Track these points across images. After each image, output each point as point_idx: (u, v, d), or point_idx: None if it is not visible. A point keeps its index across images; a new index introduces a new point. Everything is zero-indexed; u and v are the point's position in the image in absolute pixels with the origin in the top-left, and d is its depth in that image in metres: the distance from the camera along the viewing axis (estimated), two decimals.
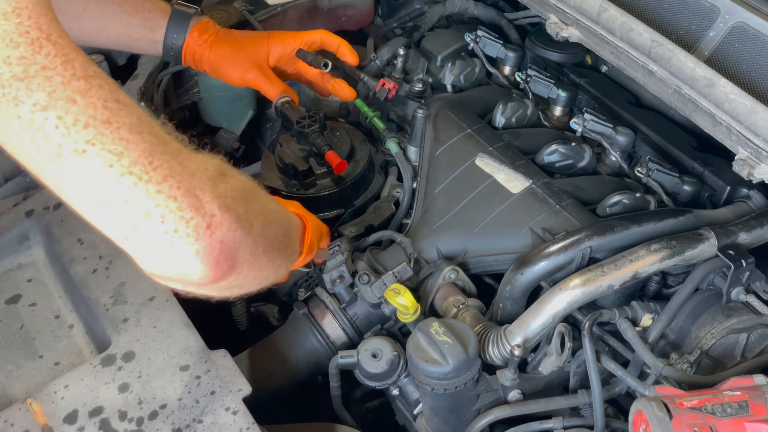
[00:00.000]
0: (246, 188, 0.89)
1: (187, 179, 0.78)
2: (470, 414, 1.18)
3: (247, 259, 0.85)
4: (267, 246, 0.91)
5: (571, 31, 1.39)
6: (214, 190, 0.80)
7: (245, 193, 0.88)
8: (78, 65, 0.76)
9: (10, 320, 1.31)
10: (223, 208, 0.80)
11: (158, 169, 0.76)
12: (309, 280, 1.52)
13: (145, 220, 0.76)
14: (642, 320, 1.19)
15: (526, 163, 1.41)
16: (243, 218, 0.84)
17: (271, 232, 0.93)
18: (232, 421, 1.11)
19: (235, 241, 0.81)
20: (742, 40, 1.25)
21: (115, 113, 0.76)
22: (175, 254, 0.78)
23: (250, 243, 0.85)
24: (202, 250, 0.78)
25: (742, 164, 1.15)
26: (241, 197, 0.85)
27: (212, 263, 0.80)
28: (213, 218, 0.79)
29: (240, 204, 0.84)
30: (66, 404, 1.13)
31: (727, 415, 0.95)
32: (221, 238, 0.80)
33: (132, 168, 0.75)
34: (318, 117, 1.52)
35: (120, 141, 0.75)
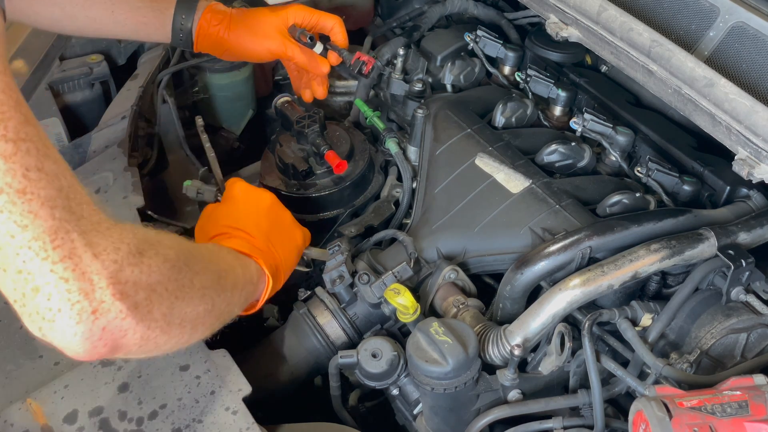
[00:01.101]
0: (165, 269, 0.88)
1: (86, 262, 0.78)
2: (470, 414, 1.18)
3: (135, 342, 0.85)
4: (169, 327, 0.90)
5: (570, 31, 1.39)
6: (114, 275, 0.80)
7: (160, 275, 0.87)
8: (11, 126, 0.75)
9: (9, 320, 1.30)
10: (117, 295, 0.80)
11: (58, 249, 0.77)
12: (309, 280, 1.52)
13: (32, 293, 0.77)
14: (642, 320, 1.19)
15: (526, 163, 1.41)
16: (141, 305, 0.84)
17: (182, 312, 0.92)
18: (232, 421, 1.11)
19: (121, 329, 0.82)
20: (741, 39, 1.25)
21: (33, 183, 0.76)
22: (55, 330, 0.79)
23: (141, 329, 0.84)
24: (81, 334, 0.79)
25: (742, 164, 1.15)
26: (149, 281, 0.85)
27: (89, 347, 0.81)
28: (101, 304, 0.79)
29: (143, 290, 0.84)
30: (66, 404, 1.13)
31: (727, 415, 0.95)
32: (104, 325, 0.80)
33: (32, 243, 0.76)
34: (318, 117, 1.52)
35: (29, 214, 0.76)
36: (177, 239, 0.98)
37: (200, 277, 0.96)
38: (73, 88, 1.76)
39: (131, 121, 1.65)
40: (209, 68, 1.78)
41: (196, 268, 0.97)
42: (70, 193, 0.79)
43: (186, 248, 0.97)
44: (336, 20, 1.58)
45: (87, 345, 0.80)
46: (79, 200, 0.81)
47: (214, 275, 1.01)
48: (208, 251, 1.07)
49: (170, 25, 1.48)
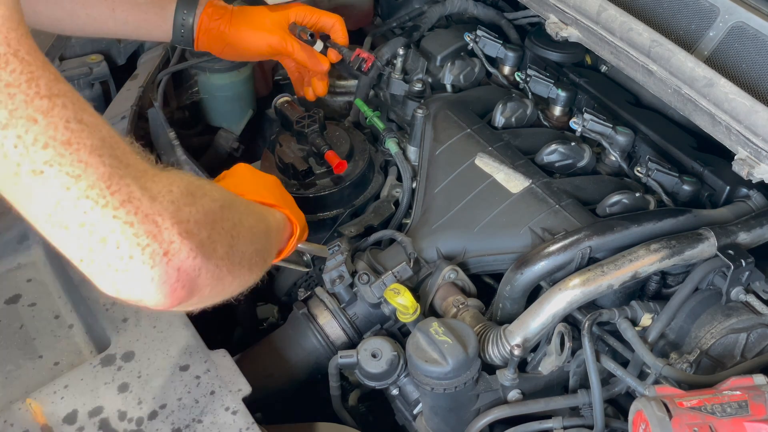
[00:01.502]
0: (215, 208, 0.88)
1: (146, 204, 0.77)
2: (470, 414, 1.18)
3: (208, 283, 0.84)
4: (233, 266, 0.89)
5: (570, 31, 1.39)
6: (175, 215, 0.79)
7: (214, 214, 0.87)
8: (43, 83, 0.74)
9: (9, 320, 1.31)
10: (183, 234, 0.79)
11: (116, 194, 0.76)
12: (309, 280, 1.52)
13: (100, 245, 0.75)
14: (642, 320, 1.19)
15: (526, 163, 1.41)
16: (206, 243, 0.82)
17: (240, 251, 0.91)
18: (232, 420, 1.11)
19: (194, 268, 0.80)
20: (741, 39, 1.25)
21: (76, 134, 0.75)
22: (130, 280, 0.77)
23: (211, 267, 0.83)
24: (158, 278, 0.77)
25: (742, 164, 1.15)
26: (207, 220, 0.84)
27: (168, 291, 0.79)
28: (171, 245, 0.78)
29: (204, 228, 0.83)
30: (65, 404, 1.13)
31: (727, 414, 0.95)
32: (179, 266, 0.79)
33: (89, 192, 0.75)
34: (317, 117, 1.52)
35: (79, 163, 0.74)
36: (215, 184, 0.97)
37: (246, 217, 0.95)
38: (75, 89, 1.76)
39: (131, 122, 1.65)
40: (209, 68, 1.78)
41: (241, 209, 0.96)
42: (113, 142, 0.78)
43: (225, 192, 0.96)
44: (336, 19, 1.59)
45: (166, 288, 0.78)
46: (123, 149, 0.79)
47: (257, 217, 1.01)
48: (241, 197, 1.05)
49: (171, 22, 1.48)
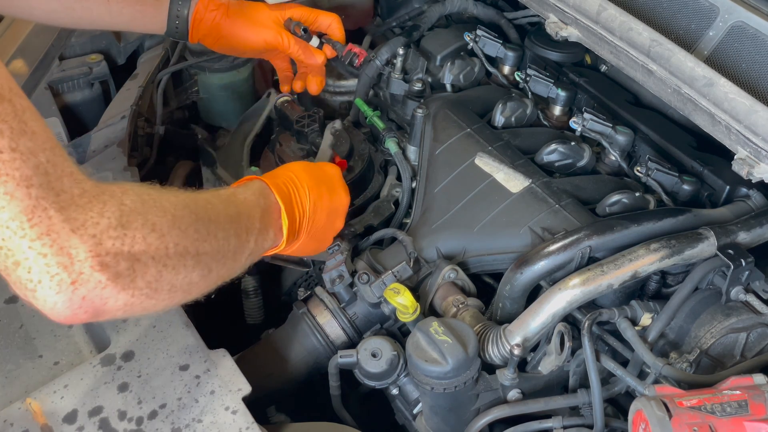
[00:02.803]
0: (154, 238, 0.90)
1: (64, 237, 0.81)
2: (470, 413, 1.18)
3: (119, 308, 0.88)
4: (157, 292, 0.92)
5: (570, 31, 1.39)
6: (93, 248, 0.82)
7: (147, 245, 0.89)
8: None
9: (9, 320, 1.30)
10: (97, 266, 0.83)
11: (35, 227, 0.79)
12: (308, 280, 1.52)
13: (14, 266, 0.80)
14: (641, 319, 1.19)
15: (526, 163, 1.41)
16: (123, 274, 0.86)
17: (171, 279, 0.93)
18: (232, 420, 1.11)
19: (101, 297, 0.85)
20: (741, 39, 1.25)
21: (7, 164, 0.77)
22: (38, 299, 0.83)
23: (125, 297, 0.87)
24: (61, 302, 0.82)
25: (742, 163, 1.15)
26: (133, 251, 0.87)
27: (69, 313, 0.84)
28: (80, 276, 0.82)
29: (125, 260, 0.86)
30: (65, 404, 1.13)
31: (727, 414, 0.95)
32: (83, 295, 0.83)
33: (9, 223, 0.78)
34: (317, 116, 1.52)
35: (4, 195, 0.77)
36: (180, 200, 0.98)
37: (199, 243, 0.97)
38: (73, 88, 1.76)
39: (131, 121, 1.65)
40: (209, 68, 1.78)
41: (196, 234, 0.97)
42: (48, 168, 0.81)
43: (188, 211, 0.97)
44: (334, 17, 1.59)
45: (68, 312, 0.84)
46: (59, 174, 0.82)
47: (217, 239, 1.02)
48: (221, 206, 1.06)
49: (166, 13, 1.48)
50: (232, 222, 1.07)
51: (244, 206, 1.12)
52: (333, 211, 1.29)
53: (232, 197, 1.12)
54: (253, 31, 1.52)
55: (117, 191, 0.89)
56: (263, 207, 1.15)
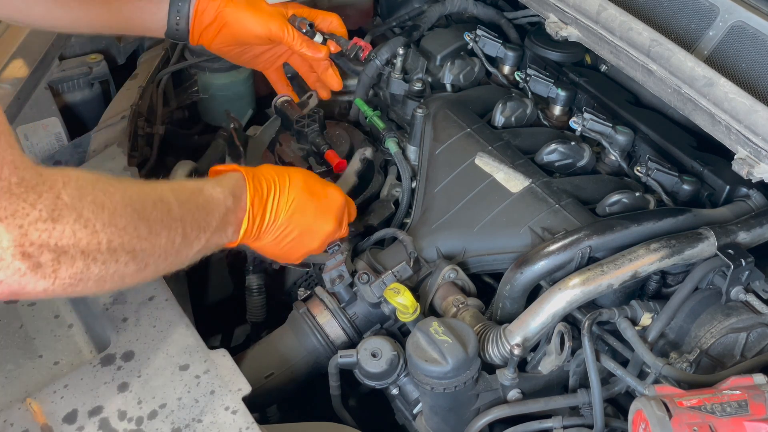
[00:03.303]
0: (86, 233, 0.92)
1: None
2: (470, 413, 1.18)
3: (38, 293, 0.91)
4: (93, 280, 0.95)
5: (570, 31, 1.39)
6: (17, 239, 0.86)
7: (77, 239, 0.91)
8: None
9: (9, 320, 1.31)
10: (18, 255, 0.86)
11: None
12: (308, 280, 1.52)
13: None
14: (641, 319, 1.19)
15: (526, 163, 1.41)
16: (45, 265, 0.89)
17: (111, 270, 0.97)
18: (232, 420, 1.11)
19: (19, 283, 0.88)
20: (741, 39, 1.25)
21: None
22: None
23: (45, 284, 0.90)
24: None
25: (742, 163, 1.15)
26: (61, 244, 0.90)
27: None
28: (1, 261, 0.86)
29: (50, 252, 0.89)
30: (65, 404, 1.13)
31: (727, 414, 0.95)
32: (2, 279, 0.87)
33: None
34: (317, 116, 1.52)
35: None
36: (126, 197, 0.99)
37: (136, 241, 0.99)
38: (73, 88, 1.76)
39: (131, 121, 1.65)
40: (209, 68, 1.78)
41: (134, 232, 0.99)
42: None
43: (130, 210, 0.99)
44: (334, 16, 1.59)
45: None
46: (1, 161, 0.84)
47: (159, 237, 1.03)
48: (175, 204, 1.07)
49: (166, 10, 1.46)
50: (183, 222, 1.08)
51: (205, 204, 1.13)
52: (310, 233, 1.27)
53: (196, 192, 1.13)
54: (257, 21, 1.50)
55: (58, 182, 0.91)
56: (228, 206, 1.16)
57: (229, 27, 1.50)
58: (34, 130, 1.61)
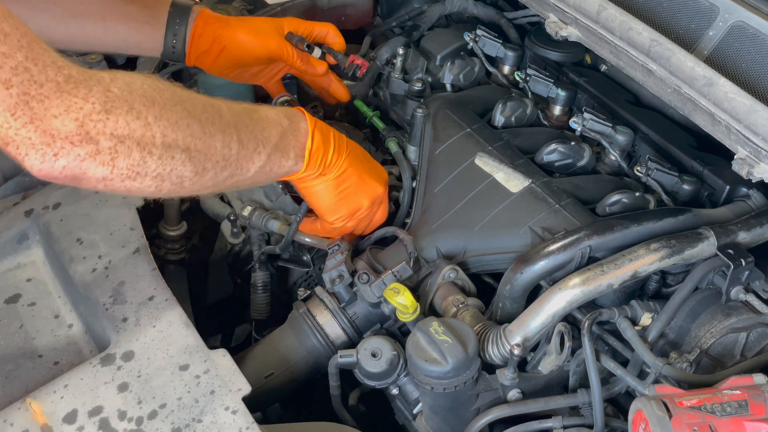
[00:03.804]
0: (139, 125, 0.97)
1: (46, 123, 0.90)
2: (470, 413, 1.18)
3: (98, 180, 0.97)
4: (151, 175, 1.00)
5: (570, 31, 1.39)
6: (75, 129, 0.92)
7: (131, 130, 0.96)
8: None
9: (9, 320, 1.31)
10: (77, 142, 0.92)
11: (19, 119, 0.88)
12: (308, 280, 1.52)
13: (4, 145, 0.91)
14: (641, 319, 1.19)
15: (526, 163, 1.41)
16: (104, 152, 0.95)
17: (167, 167, 1.01)
18: (232, 420, 1.11)
19: (80, 168, 0.95)
20: (741, 39, 1.25)
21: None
22: (26, 164, 0.93)
23: (104, 171, 0.96)
24: (45, 168, 0.93)
25: (742, 163, 1.15)
26: (117, 134, 0.95)
27: (52, 177, 0.95)
28: (62, 149, 0.92)
29: (108, 140, 0.94)
30: (65, 404, 1.13)
31: (727, 414, 0.95)
32: (64, 164, 0.93)
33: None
34: (317, 116, 1.52)
35: None
36: (176, 96, 1.03)
37: (190, 139, 1.03)
38: None
39: None
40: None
41: (187, 130, 1.03)
42: (28, 65, 0.88)
43: (181, 107, 1.03)
44: (330, 26, 1.60)
45: (51, 175, 0.95)
46: (41, 67, 0.89)
47: (214, 139, 1.06)
48: (227, 112, 1.11)
49: (163, 31, 1.45)
50: (238, 129, 1.11)
51: (260, 120, 1.16)
52: (365, 184, 1.34)
53: (250, 109, 1.17)
54: (256, 41, 1.51)
55: (106, 78, 0.96)
56: (285, 127, 1.19)
57: (228, 50, 1.50)
58: None
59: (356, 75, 1.59)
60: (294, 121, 1.22)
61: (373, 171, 1.38)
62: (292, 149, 1.21)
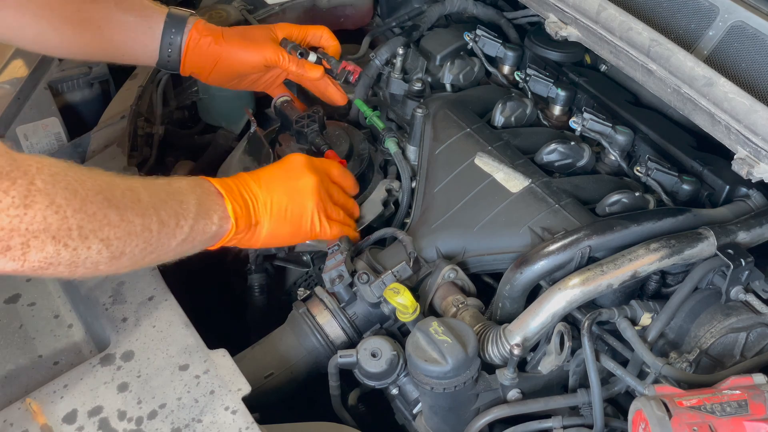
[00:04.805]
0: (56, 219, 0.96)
1: None
2: (469, 413, 1.18)
3: (8, 271, 0.97)
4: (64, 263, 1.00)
5: (570, 30, 1.39)
6: None
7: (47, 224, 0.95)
8: None
9: (9, 320, 1.31)
10: None
11: None
12: (308, 280, 1.52)
13: None
14: (641, 319, 1.19)
15: (526, 163, 1.41)
16: (15, 248, 0.94)
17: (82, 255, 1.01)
18: (231, 420, 1.11)
19: None
20: (741, 39, 1.25)
21: None
22: None
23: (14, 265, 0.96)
24: None
25: (741, 163, 1.15)
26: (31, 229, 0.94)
27: None
28: None
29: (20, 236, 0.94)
30: (65, 404, 1.13)
31: (727, 414, 0.95)
32: None
33: None
34: (317, 116, 1.52)
35: None
36: (96, 186, 1.03)
37: (108, 228, 1.03)
38: (73, 88, 1.76)
39: (130, 121, 1.65)
40: None
41: (104, 219, 1.02)
42: None
43: (101, 197, 1.03)
44: (323, 29, 1.60)
45: None
46: None
47: (132, 224, 1.06)
48: (144, 193, 1.10)
49: (158, 42, 1.45)
50: (157, 209, 1.11)
51: (175, 192, 1.16)
52: (296, 192, 1.31)
53: (164, 183, 1.17)
54: (252, 50, 1.51)
55: (32, 169, 0.95)
56: (198, 195, 1.19)
57: (224, 61, 1.50)
58: (33, 130, 1.62)
59: (349, 81, 1.60)
60: (205, 188, 1.22)
61: (290, 172, 1.34)
62: (214, 213, 1.20)
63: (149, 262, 1.14)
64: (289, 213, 1.31)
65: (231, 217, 1.22)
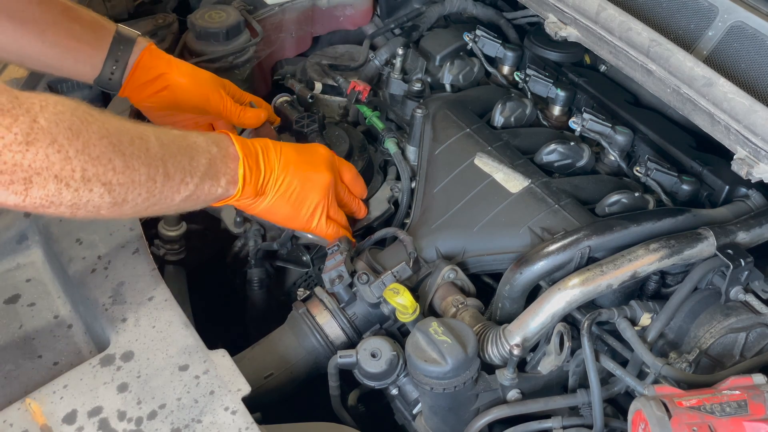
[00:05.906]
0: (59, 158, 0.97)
1: None
2: (469, 413, 1.18)
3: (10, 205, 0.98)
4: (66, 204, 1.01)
5: (569, 31, 1.39)
6: None
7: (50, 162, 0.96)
8: None
9: (9, 320, 1.31)
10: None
11: None
12: (308, 280, 1.52)
13: None
14: (641, 319, 1.19)
15: (525, 163, 1.41)
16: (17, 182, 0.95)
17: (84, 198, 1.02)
18: (231, 420, 1.11)
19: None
20: (740, 39, 1.25)
21: None
22: None
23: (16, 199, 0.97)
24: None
25: (741, 163, 1.15)
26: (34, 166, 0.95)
27: None
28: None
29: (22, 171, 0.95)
30: (65, 404, 1.13)
31: (726, 414, 0.95)
32: None
33: None
34: (317, 117, 1.52)
35: None
36: (103, 130, 1.03)
37: (111, 173, 1.03)
38: (73, 88, 1.75)
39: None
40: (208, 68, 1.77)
41: (109, 164, 1.03)
42: None
43: (106, 142, 1.02)
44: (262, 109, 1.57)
45: None
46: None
47: (137, 173, 1.06)
48: (155, 143, 1.10)
49: (103, 56, 1.40)
50: (164, 161, 1.11)
51: (188, 148, 1.16)
52: (309, 181, 1.33)
53: (180, 137, 1.17)
54: (199, 90, 1.48)
55: (35, 106, 0.95)
56: (213, 154, 1.19)
57: (170, 90, 1.47)
58: None
59: (359, 101, 1.63)
60: (222, 147, 1.21)
61: (312, 161, 1.35)
62: (223, 176, 1.21)
63: (152, 213, 1.15)
64: (294, 197, 1.32)
65: (239, 183, 1.23)
